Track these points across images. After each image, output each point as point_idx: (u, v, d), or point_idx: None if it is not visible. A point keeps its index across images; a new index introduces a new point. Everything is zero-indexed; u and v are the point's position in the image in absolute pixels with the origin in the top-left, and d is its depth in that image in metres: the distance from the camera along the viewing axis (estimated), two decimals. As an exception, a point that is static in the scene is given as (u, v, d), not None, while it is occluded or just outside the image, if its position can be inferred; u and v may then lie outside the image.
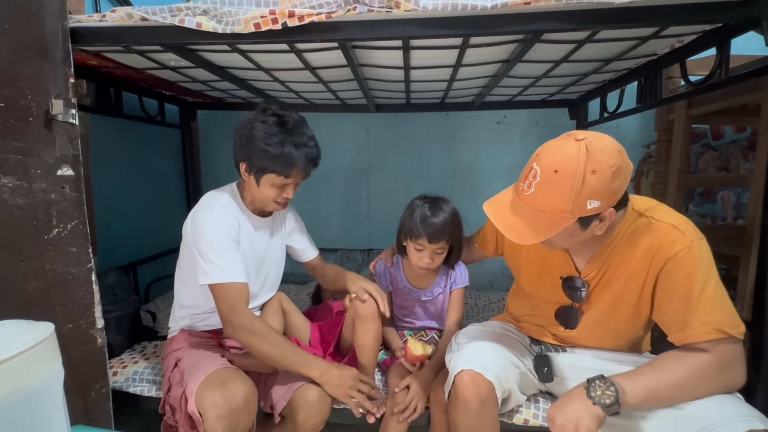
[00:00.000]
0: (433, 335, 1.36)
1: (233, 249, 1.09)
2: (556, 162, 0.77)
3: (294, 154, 1.05)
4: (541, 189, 0.78)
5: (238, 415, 0.93)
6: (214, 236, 1.06)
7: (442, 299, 1.35)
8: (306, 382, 1.08)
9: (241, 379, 0.99)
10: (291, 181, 1.10)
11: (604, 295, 0.94)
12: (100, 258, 1.54)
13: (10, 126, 0.85)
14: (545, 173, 0.78)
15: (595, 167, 0.74)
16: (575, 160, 0.75)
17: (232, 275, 1.06)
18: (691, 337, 0.80)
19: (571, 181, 0.75)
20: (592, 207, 0.77)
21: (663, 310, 0.86)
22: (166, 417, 1.07)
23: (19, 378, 0.37)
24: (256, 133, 1.05)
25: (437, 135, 2.25)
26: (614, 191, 0.78)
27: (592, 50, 1.17)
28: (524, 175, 0.83)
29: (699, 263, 0.80)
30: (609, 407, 0.78)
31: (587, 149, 0.75)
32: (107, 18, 1.00)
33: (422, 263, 1.20)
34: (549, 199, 0.78)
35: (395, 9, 0.90)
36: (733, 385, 0.81)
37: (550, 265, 1.01)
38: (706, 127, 2.03)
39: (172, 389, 1.06)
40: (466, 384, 0.90)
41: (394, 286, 1.36)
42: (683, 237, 0.82)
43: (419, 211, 1.17)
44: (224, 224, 1.10)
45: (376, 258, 1.40)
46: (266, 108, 1.10)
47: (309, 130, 1.12)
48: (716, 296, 0.80)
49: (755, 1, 0.85)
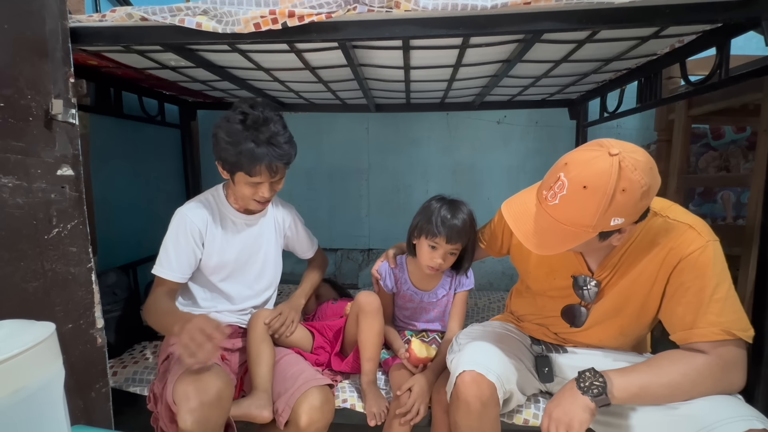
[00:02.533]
0: (434, 336, 1.35)
1: (181, 246, 1.16)
2: (586, 177, 0.73)
3: (255, 152, 1.05)
4: (567, 202, 0.76)
5: (210, 409, 0.92)
6: (171, 230, 1.17)
7: (446, 301, 1.34)
8: (309, 387, 1.07)
9: (216, 374, 0.97)
10: (259, 179, 1.10)
11: (613, 293, 0.94)
12: (100, 258, 1.54)
13: (10, 126, 0.85)
14: (573, 187, 0.74)
15: (625, 186, 0.72)
16: (606, 177, 0.71)
17: (163, 270, 1.15)
18: (697, 336, 0.80)
19: (599, 199, 0.72)
20: (615, 224, 0.75)
21: (671, 309, 0.86)
22: (149, 405, 1.07)
23: (19, 378, 0.37)
24: (221, 132, 1.07)
25: (437, 135, 2.25)
26: (640, 209, 0.76)
27: (592, 50, 1.17)
28: (548, 182, 0.80)
29: (713, 264, 0.80)
30: (597, 397, 0.80)
31: (620, 166, 0.71)
32: (107, 18, 1.00)
33: (433, 263, 1.19)
34: (573, 213, 0.76)
35: (395, 9, 0.90)
36: (732, 388, 0.81)
37: (561, 265, 1.00)
38: (706, 127, 2.02)
39: (156, 383, 1.07)
40: (468, 385, 0.90)
41: (397, 287, 1.35)
42: (699, 237, 0.82)
43: (439, 211, 1.17)
44: (186, 222, 1.16)
45: (378, 260, 1.37)
46: (237, 106, 1.10)
47: (276, 127, 1.09)
48: (728, 298, 0.80)
49: (755, 1, 0.85)
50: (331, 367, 1.28)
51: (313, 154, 2.31)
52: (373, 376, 1.20)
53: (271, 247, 1.31)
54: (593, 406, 0.80)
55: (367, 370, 1.18)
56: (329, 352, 1.29)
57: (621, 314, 0.95)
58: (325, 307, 1.53)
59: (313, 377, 1.11)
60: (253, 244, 1.26)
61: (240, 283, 1.26)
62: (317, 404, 1.05)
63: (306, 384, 1.08)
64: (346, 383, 1.26)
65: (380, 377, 1.27)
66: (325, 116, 2.24)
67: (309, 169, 2.33)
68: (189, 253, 1.17)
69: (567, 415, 0.80)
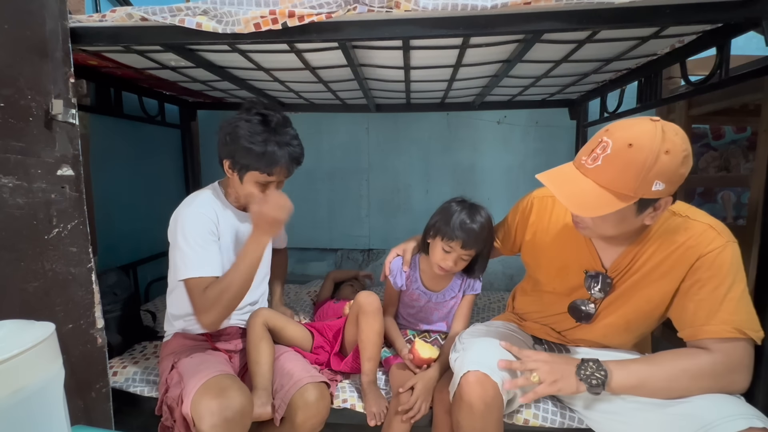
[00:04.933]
0: (436, 337, 1.35)
1: (209, 243, 1.11)
2: (631, 136, 0.74)
3: (277, 153, 1.07)
4: (610, 162, 0.76)
5: (233, 426, 0.92)
6: (189, 230, 1.09)
7: (453, 303, 1.34)
8: (304, 384, 1.07)
9: (240, 389, 0.97)
10: (273, 179, 1.11)
11: (624, 288, 0.94)
12: (100, 258, 1.54)
13: (10, 126, 0.85)
14: (618, 145, 0.75)
15: (669, 147, 0.73)
16: (652, 136, 0.73)
17: (204, 269, 1.07)
18: (707, 333, 0.81)
19: (645, 157, 0.73)
20: (657, 189, 0.75)
21: (683, 305, 0.86)
22: (163, 418, 1.06)
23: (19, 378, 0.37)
24: (241, 131, 1.07)
25: (437, 135, 2.25)
26: (680, 177, 0.76)
27: (592, 50, 1.17)
28: (588, 149, 0.80)
29: (730, 264, 0.81)
30: (593, 387, 0.82)
31: (663, 129, 0.73)
32: (107, 18, 1.00)
33: (444, 264, 1.18)
34: (617, 172, 0.75)
35: (395, 9, 0.90)
36: (734, 388, 0.81)
37: (574, 260, 1.00)
38: (707, 127, 2.02)
39: (170, 390, 1.06)
40: (472, 385, 0.89)
41: (406, 285, 1.32)
42: (719, 237, 0.82)
43: (458, 215, 1.16)
44: (201, 218, 1.12)
45: (392, 251, 1.32)
46: (251, 107, 1.11)
47: (292, 130, 1.13)
48: (743, 299, 0.81)
49: (755, 1, 0.85)
50: (331, 366, 1.28)
51: (313, 154, 2.31)
52: (373, 376, 1.20)
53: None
54: (583, 389, 0.83)
55: (367, 370, 1.18)
56: (329, 351, 1.29)
57: (628, 308, 0.94)
58: (326, 307, 1.54)
59: (308, 374, 1.11)
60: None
61: None
62: (312, 401, 1.05)
63: (301, 381, 1.08)
64: (346, 383, 1.26)
65: (380, 377, 1.26)
66: (325, 116, 2.24)
67: (309, 169, 2.33)
68: (215, 248, 1.12)
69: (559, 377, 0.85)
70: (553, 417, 1.04)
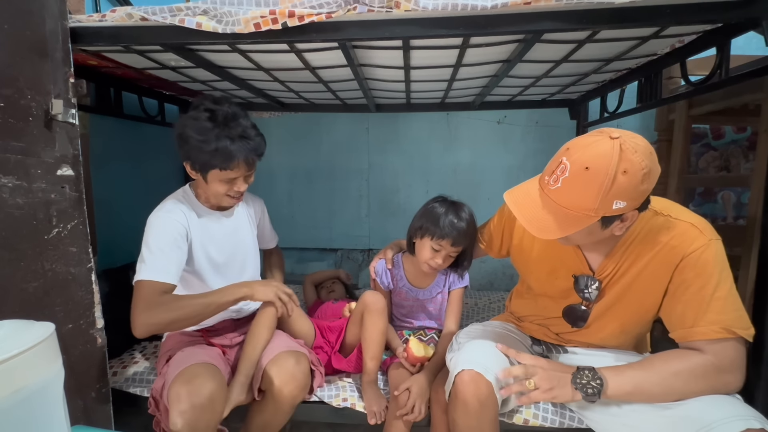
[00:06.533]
0: (432, 335, 1.36)
1: (172, 249, 1.07)
2: (587, 158, 0.74)
3: (230, 147, 1.04)
4: (569, 185, 0.76)
5: (200, 412, 0.91)
6: (153, 234, 1.07)
7: (441, 299, 1.35)
8: (279, 352, 1.08)
9: (211, 376, 0.96)
10: (235, 174, 1.09)
11: (615, 291, 0.94)
12: (100, 258, 1.54)
13: (10, 126, 0.85)
14: (575, 169, 0.75)
15: (626, 167, 0.73)
16: (608, 158, 0.73)
17: (158, 274, 1.03)
18: (697, 334, 0.80)
19: (601, 180, 0.73)
20: (618, 207, 0.75)
21: (672, 307, 0.86)
22: (150, 410, 1.07)
23: (19, 378, 0.37)
24: (189, 131, 1.04)
25: (437, 135, 2.25)
26: (642, 193, 0.76)
27: (593, 50, 1.17)
28: (550, 168, 0.81)
29: (714, 263, 0.81)
30: (589, 396, 0.82)
31: (621, 148, 0.73)
32: (107, 18, 1.00)
33: (434, 263, 1.20)
34: (575, 195, 0.76)
35: (395, 9, 0.90)
36: (728, 388, 0.81)
37: (562, 264, 1.00)
38: (707, 127, 2.02)
39: (156, 381, 1.07)
40: (466, 384, 0.90)
41: (393, 284, 1.36)
42: (701, 235, 0.82)
43: (446, 215, 1.17)
44: (169, 222, 1.10)
45: (375, 257, 1.39)
46: (199, 104, 1.08)
47: (245, 121, 1.09)
48: (729, 297, 0.80)
49: (755, 1, 0.85)
50: (332, 365, 1.29)
51: (313, 154, 2.31)
52: (374, 376, 1.20)
53: (249, 238, 1.31)
54: (579, 397, 0.83)
55: (368, 369, 1.19)
56: (327, 352, 1.30)
57: (622, 312, 0.95)
58: (326, 307, 1.53)
59: (285, 345, 1.11)
60: (232, 238, 1.25)
61: (227, 278, 1.24)
62: (286, 365, 1.04)
63: (276, 349, 1.08)
64: (347, 382, 1.26)
65: (380, 377, 1.27)
66: (325, 116, 2.24)
67: (309, 169, 2.33)
68: (178, 254, 1.10)
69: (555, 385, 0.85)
70: (553, 417, 1.04)
